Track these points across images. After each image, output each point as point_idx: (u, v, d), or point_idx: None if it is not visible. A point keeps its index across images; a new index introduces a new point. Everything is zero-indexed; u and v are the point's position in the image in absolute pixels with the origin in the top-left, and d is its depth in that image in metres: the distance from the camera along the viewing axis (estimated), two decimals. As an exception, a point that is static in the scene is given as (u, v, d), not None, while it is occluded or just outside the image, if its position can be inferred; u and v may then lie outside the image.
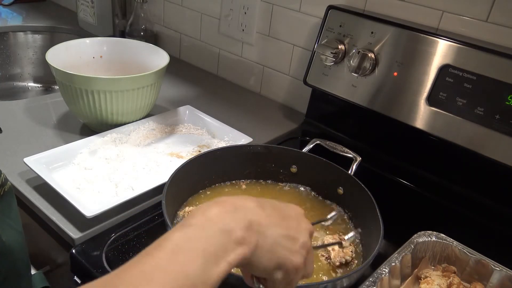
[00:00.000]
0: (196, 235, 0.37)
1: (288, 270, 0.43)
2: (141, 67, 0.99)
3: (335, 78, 0.98)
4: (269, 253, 0.41)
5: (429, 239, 0.68)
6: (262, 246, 0.40)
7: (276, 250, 0.42)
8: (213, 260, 0.36)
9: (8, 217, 0.62)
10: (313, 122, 1.11)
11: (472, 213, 0.86)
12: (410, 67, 0.87)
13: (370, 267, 0.62)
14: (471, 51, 0.80)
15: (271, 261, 0.42)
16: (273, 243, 0.42)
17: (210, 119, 0.98)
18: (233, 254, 0.37)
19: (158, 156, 0.87)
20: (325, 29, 0.98)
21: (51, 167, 0.78)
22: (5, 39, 1.48)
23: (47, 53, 0.90)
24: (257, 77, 1.25)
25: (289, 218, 0.45)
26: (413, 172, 0.94)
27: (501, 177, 0.83)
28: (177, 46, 1.43)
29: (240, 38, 1.24)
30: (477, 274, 0.65)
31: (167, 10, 1.41)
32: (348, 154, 0.83)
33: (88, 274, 0.64)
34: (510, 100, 0.77)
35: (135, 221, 0.73)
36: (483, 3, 0.84)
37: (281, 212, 0.45)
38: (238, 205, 0.41)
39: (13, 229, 0.62)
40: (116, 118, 0.90)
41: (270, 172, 0.83)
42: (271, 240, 0.41)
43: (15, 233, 0.62)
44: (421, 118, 0.87)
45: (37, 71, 1.55)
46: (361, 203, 0.72)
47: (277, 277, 0.43)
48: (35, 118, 0.98)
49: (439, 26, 0.90)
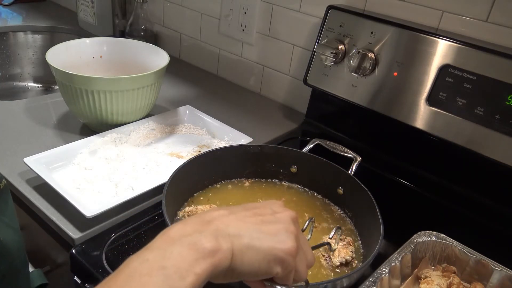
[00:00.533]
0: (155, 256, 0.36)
1: (283, 259, 0.40)
2: (141, 67, 0.99)
3: (335, 78, 0.98)
4: (252, 251, 0.39)
5: (429, 239, 0.68)
6: (240, 249, 0.39)
7: (258, 245, 0.39)
8: (176, 276, 0.34)
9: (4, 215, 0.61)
10: (313, 122, 1.11)
11: (472, 213, 0.86)
12: (410, 67, 0.87)
13: (370, 267, 0.62)
14: (471, 51, 0.80)
15: (259, 259, 0.39)
16: (252, 240, 0.39)
17: (210, 119, 0.98)
18: (200, 265, 0.36)
19: (158, 156, 0.87)
20: (325, 29, 0.98)
21: (51, 167, 0.78)
22: (5, 39, 1.48)
23: (47, 53, 0.90)
24: (257, 77, 1.25)
25: (264, 213, 0.43)
26: (413, 172, 0.94)
27: (501, 177, 0.83)
28: (177, 46, 1.43)
29: (240, 38, 1.24)
30: (477, 274, 0.65)
31: (167, 10, 1.41)
32: (348, 154, 0.83)
33: (88, 274, 0.64)
34: (510, 100, 0.77)
35: (135, 221, 0.73)
36: (483, 3, 0.84)
37: (255, 209, 0.43)
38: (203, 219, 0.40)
39: (9, 227, 0.62)
40: (116, 118, 0.90)
41: (270, 172, 0.83)
42: (248, 239, 0.39)
43: (11, 231, 0.62)
44: (421, 118, 0.87)
45: (37, 71, 1.55)
46: (361, 203, 0.72)
47: (277, 271, 0.40)
48: (35, 118, 0.98)
49: (439, 26, 0.90)
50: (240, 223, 0.40)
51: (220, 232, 0.38)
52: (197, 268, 0.35)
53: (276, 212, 0.44)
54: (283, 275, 0.41)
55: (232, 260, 0.38)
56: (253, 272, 0.40)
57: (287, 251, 0.40)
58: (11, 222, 0.62)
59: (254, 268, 0.39)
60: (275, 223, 0.42)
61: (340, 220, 0.76)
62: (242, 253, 0.39)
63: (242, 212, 0.42)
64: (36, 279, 0.72)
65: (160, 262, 0.35)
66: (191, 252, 0.36)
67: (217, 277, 0.38)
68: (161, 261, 0.35)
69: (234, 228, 0.39)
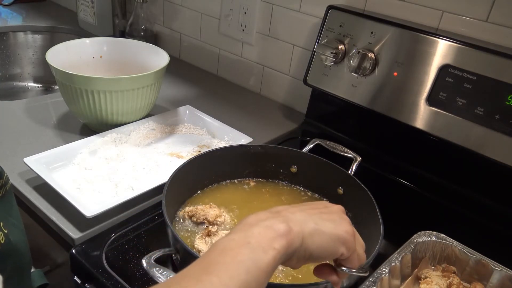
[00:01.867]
0: (239, 236, 0.41)
1: (346, 239, 0.46)
2: (141, 67, 1.00)
3: (335, 78, 0.98)
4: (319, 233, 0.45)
5: (429, 239, 0.68)
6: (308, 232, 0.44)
7: (322, 229, 0.45)
8: (260, 250, 0.40)
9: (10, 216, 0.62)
10: (313, 122, 1.11)
11: (472, 213, 0.86)
12: (410, 67, 0.87)
13: (370, 267, 0.62)
14: (471, 51, 0.80)
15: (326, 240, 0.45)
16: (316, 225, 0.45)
17: (210, 119, 0.98)
18: (278, 241, 0.41)
19: (158, 156, 0.87)
20: (325, 29, 0.98)
21: (51, 167, 0.78)
22: (5, 39, 1.48)
23: (47, 53, 0.90)
24: (257, 77, 1.25)
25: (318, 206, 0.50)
26: (413, 172, 0.94)
27: (501, 177, 0.83)
28: (177, 46, 1.43)
29: (240, 38, 1.24)
30: (477, 274, 0.65)
31: (167, 10, 1.41)
32: (348, 154, 0.83)
33: (88, 274, 0.64)
34: (510, 100, 0.77)
35: (135, 221, 0.73)
36: (483, 3, 0.84)
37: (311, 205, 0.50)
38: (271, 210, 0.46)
39: (16, 227, 0.62)
40: (116, 118, 0.90)
41: (270, 172, 0.83)
42: (313, 224, 0.45)
43: (18, 231, 0.62)
44: (421, 118, 0.87)
45: (37, 71, 1.55)
46: (361, 203, 0.72)
47: (342, 251, 0.46)
48: (35, 118, 0.98)
49: (439, 26, 0.90)
50: (303, 213, 0.46)
51: (289, 218, 0.44)
52: (276, 244, 0.41)
53: (327, 206, 0.50)
54: (347, 256, 0.47)
55: (303, 240, 0.44)
56: (322, 252, 0.45)
57: (348, 231, 0.47)
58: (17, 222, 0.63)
59: (323, 248, 0.45)
60: (330, 213, 0.48)
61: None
62: (311, 235, 0.44)
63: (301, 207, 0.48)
64: (37, 280, 0.72)
65: (245, 239, 0.41)
66: (269, 232, 0.41)
67: (292, 257, 0.44)
68: (246, 238, 0.41)
69: (300, 216, 0.45)
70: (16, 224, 0.62)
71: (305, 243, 0.44)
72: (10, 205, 0.62)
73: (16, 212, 0.63)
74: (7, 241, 0.57)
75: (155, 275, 0.53)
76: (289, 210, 0.46)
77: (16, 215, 0.63)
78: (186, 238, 0.69)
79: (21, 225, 0.64)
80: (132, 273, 0.63)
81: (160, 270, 0.53)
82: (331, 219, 0.47)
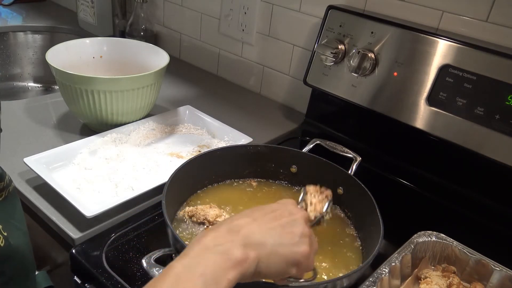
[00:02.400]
0: (194, 263, 0.42)
1: (299, 261, 0.47)
2: (141, 67, 0.99)
3: (335, 78, 0.98)
4: (275, 257, 0.46)
5: (429, 239, 0.68)
6: (265, 255, 0.45)
7: (279, 251, 0.46)
8: (212, 282, 0.40)
9: (13, 218, 0.61)
10: (313, 122, 1.11)
11: (472, 213, 0.86)
12: (410, 67, 0.87)
13: (370, 267, 0.62)
14: (471, 51, 0.80)
15: (280, 263, 0.46)
16: (274, 247, 0.46)
17: (210, 119, 0.98)
18: (232, 272, 0.42)
19: (158, 156, 0.87)
20: (325, 29, 0.98)
21: (51, 167, 0.78)
22: (5, 39, 1.48)
23: (47, 53, 0.90)
24: (257, 77, 1.25)
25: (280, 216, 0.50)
26: (413, 172, 0.94)
27: (501, 177, 0.83)
28: (177, 46, 1.43)
29: (240, 38, 1.24)
30: (477, 274, 0.65)
31: (167, 10, 1.41)
32: (348, 154, 0.82)
33: (88, 274, 0.64)
34: (510, 100, 0.77)
35: (135, 221, 0.73)
36: (483, 3, 0.84)
37: (272, 213, 0.50)
38: (231, 226, 0.46)
39: (18, 230, 0.62)
40: (116, 118, 0.90)
41: (270, 172, 0.83)
42: (271, 246, 0.46)
43: (21, 234, 0.62)
44: (421, 118, 0.87)
45: (37, 71, 1.55)
46: (361, 203, 0.72)
47: (293, 272, 0.48)
48: (35, 118, 0.98)
49: (439, 26, 0.90)
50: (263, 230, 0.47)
51: (247, 241, 0.45)
52: (230, 274, 0.42)
53: (292, 213, 0.50)
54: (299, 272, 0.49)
55: (258, 265, 0.45)
56: (273, 273, 0.47)
57: (303, 254, 0.48)
58: (20, 225, 0.62)
59: (275, 270, 0.47)
60: (292, 228, 0.49)
61: (340, 220, 0.76)
62: (267, 258, 0.45)
63: (263, 217, 0.49)
64: (42, 281, 0.71)
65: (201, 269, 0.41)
66: (224, 261, 0.42)
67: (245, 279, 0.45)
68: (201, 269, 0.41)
69: (259, 236, 0.46)
70: (18, 226, 0.62)
71: (259, 267, 0.45)
72: (12, 208, 0.62)
73: (20, 215, 0.63)
74: (7, 244, 0.57)
75: (155, 275, 0.52)
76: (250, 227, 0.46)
77: (20, 218, 0.63)
78: (186, 238, 0.69)
79: (25, 228, 0.63)
80: (132, 273, 0.63)
81: (160, 270, 0.53)
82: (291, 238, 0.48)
